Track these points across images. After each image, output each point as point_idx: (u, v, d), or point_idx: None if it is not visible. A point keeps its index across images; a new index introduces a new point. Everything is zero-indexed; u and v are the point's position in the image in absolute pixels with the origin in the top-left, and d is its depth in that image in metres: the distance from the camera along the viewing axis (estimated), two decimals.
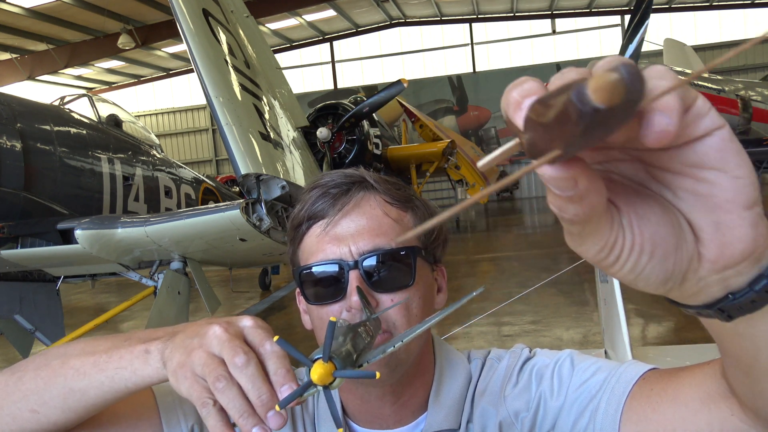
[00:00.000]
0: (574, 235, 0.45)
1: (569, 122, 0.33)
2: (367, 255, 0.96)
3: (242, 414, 0.67)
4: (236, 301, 9.99)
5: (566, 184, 0.39)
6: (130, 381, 0.80)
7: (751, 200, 0.43)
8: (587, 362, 0.96)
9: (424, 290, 1.01)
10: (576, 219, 0.42)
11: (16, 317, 4.91)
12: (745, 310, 0.49)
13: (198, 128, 30.07)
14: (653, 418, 0.81)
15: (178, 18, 4.32)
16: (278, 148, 4.89)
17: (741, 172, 0.43)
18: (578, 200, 0.40)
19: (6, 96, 4.81)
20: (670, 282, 0.47)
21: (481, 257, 12.10)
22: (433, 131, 15.22)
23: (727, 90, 12.00)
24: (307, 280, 0.99)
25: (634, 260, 0.45)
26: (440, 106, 28.64)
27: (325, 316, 0.98)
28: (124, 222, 4.38)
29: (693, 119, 0.41)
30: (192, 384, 0.71)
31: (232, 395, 0.68)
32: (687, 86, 0.41)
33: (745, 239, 0.44)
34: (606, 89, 0.32)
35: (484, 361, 1.08)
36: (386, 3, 25.94)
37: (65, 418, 0.86)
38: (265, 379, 0.68)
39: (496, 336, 6.44)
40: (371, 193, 1.01)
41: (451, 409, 1.01)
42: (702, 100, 0.42)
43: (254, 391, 0.67)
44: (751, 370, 0.59)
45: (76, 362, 0.84)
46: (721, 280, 0.47)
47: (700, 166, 0.43)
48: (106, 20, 19.89)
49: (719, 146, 0.42)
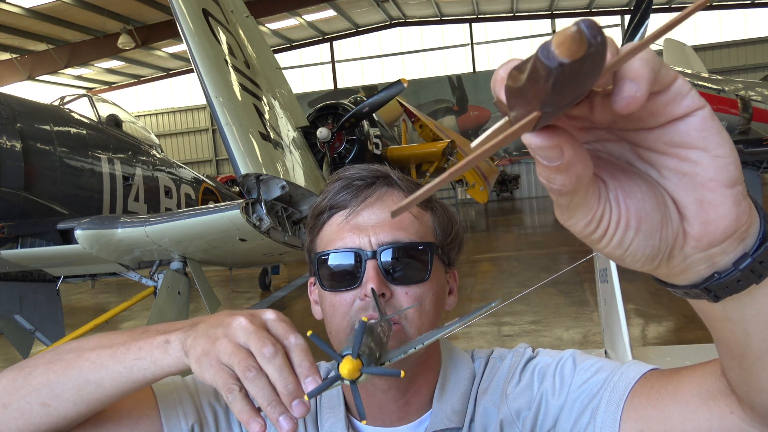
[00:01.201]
0: (563, 207, 0.46)
1: (540, 80, 0.35)
2: (386, 246, 0.98)
3: (270, 402, 0.69)
4: (236, 301, 9.99)
5: (552, 153, 0.41)
6: (149, 371, 0.81)
7: (733, 179, 0.45)
8: (589, 362, 0.97)
9: (437, 288, 1.02)
10: (563, 189, 0.43)
11: (16, 317, 4.91)
12: (731, 289, 0.51)
13: (198, 128, 30.07)
14: (653, 415, 0.81)
15: (178, 18, 4.32)
16: (278, 148, 4.89)
17: (722, 151, 0.44)
18: (564, 169, 0.41)
19: (6, 96, 4.81)
20: (657, 258, 0.48)
21: (481, 257, 12.10)
22: (433, 131, 15.21)
23: (727, 90, 12.00)
24: (324, 267, 1.01)
25: (621, 234, 0.47)
26: (440, 106, 28.63)
27: (338, 304, 0.99)
28: (124, 222, 4.38)
29: (673, 97, 0.43)
30: (218, 371, 0.73)
31: (261, 384, 0.70)
32: (666, 66, 0.42)
33: (728, 216, 0.46)
34: (567, 42, 0.33)
35: (487, 360, 1.09)
36: (386, 3, 25.93)
37: (76, 411, 0.86)
38: (291, 371, 0.71)
39: (496, 336, 6.44)
40: (394, 189, 1.03)
41: (455, 408, 1.02)
42: (682, 79, 0.43)
43: (281, 381, 0.70)
44: (744, 358, 0.60)
45: (92, 355, 0.85)
46: (707, 258, 0.49)
47: (682, 145, 0.45)
48: (106, 20, 19.89)
49: (701, 126, 0.44)
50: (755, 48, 25.38)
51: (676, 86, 0.43)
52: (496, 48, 28.57)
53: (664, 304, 6.82)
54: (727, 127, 11.00)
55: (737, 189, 0.45)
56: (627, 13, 24.82)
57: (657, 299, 7.00)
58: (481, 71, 28.60)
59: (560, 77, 0.34)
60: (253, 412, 0.70)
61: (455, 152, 14.33)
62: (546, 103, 0.36)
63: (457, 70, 29.00)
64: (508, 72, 0.39)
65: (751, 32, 25.71)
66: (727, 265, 0.49)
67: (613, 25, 26.88)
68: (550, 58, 0.34)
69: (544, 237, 14.74)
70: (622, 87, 0.40)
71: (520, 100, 0.38)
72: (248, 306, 9.62)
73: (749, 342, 0.57)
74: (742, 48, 25.80)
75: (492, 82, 0.42)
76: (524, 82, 0.36)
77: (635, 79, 0.40)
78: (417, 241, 1.00)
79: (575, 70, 0.34)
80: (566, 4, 26.67)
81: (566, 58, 0.33)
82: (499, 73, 0.42)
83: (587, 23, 0.34)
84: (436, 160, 14.00)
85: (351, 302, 0.98)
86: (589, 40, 0.33)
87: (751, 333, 0.56)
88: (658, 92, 0.43)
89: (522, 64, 0.38)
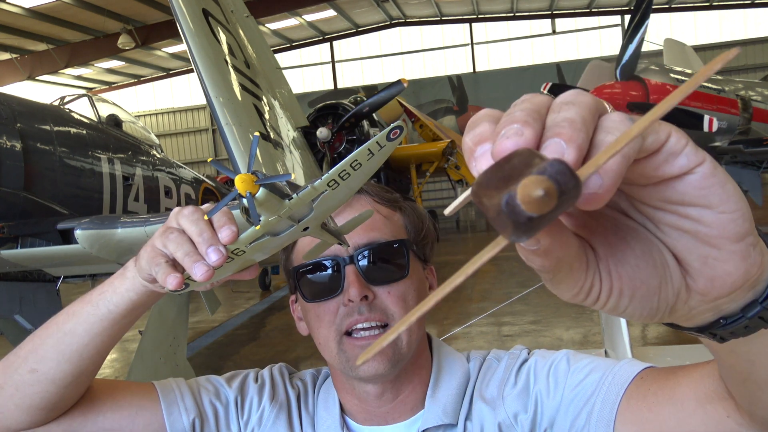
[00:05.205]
0: (546, 280, 0.43)
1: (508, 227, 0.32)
2: (362, 249, 0.99)
3: (187, 253, 0.72)
4: (236, 301, 9.99)
5: (528, 241, 0.38)
6: (111, 302, 0.84)
7: (741, 233, 0.41)
8: (583, 362, 0.97)
9: (418, 284, 1.04)
10: (543, 270, 0.41)
11: (16, 317, 4.90)
12: (737, 334, 0.48)
13: (198, 128, 30.04)
14: (649, 417, 0.80)
15: (178, 18, 4.32)
16: (278, 148, 4.89)
17: (727, 206, 0.40)
18: (543, 255, 0.39)
19: (6, 96, 4.81)
20: (657, 315, 0.45)
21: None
22: (433, 131, 15.20)
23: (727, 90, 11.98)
24: (304, 279, 1.02)
25: (614, 302, 0.44)
26: (440, 106, 28.60)
27: (323, 314, 1.00)
28: (124, 222, 4.38)
29: (665, 159, 0.39)
30: (149, 253, 0.77)
31: (179, 240, 0.73)
32: (656, 129, 0.38)
33: (736, 273, 0.42)
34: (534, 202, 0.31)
35: (483, 361, 1.09)
36: (386, 3, 25.92)
37: (60, 370, 0.88)
38: (208, 223, 0.73)
39: (496, 336, 6.43)
40: (362, 194, 1.05)
41: (449, 406, 1.02)
42: (676, 137, 0.39)
43: (196, 230, 0.73)
44: (747, 381, 0.59)
45: (68, 309, 0.89)
46: (712, 308, 0.46)
47: (681, 203, 0.40)
48: (106, 20, 19.87)
49: (700, 184, 0.39)
50: (755, 48, 25.35)
51: (668, 147, 0.38)
52: (496, 48, 28.55)
53: None
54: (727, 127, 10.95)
55: (746, 241, 0.41)
56: (627, 13, 24.80)
57: None
58: (481, 71, 28.58)
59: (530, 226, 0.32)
60: (171, 269, 0.73)
61: (455, 152, 14.34)
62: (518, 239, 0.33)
63: (457, 70, 28.97)
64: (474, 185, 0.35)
65: (751, 32, 25.69)
66: (735, 311, 0.46)
67: (613, 25, 26.88)
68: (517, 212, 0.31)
69: None
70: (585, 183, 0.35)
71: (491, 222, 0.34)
72: (248, 306, 9.63)
73: (754, 370, 0.55)
74: (742, 48, 25.79)
75: (462, 148, 0.39)
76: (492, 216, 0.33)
77: (600, 172, 0.35)
78: (391, 239, 1.01)
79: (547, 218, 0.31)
80: (566, 4, 26.65)
81: (535, 213, 0.31)
82: (466, 141, 0.39)
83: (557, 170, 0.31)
84: (436, 160, 14.01)
85: (335, 310, 0.99)
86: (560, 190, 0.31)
87: (757, 363, 0.54)
88: (645, 157, 0.39)
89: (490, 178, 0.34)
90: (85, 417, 0.96)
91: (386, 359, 0.97)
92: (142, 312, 0.88)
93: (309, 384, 1.14)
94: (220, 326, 8.32)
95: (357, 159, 0.66)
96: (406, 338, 0.99)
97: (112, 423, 0.97)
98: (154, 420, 1.00)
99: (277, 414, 1.07)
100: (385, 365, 0.97)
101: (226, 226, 0.72)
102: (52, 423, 0.93)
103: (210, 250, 0.71)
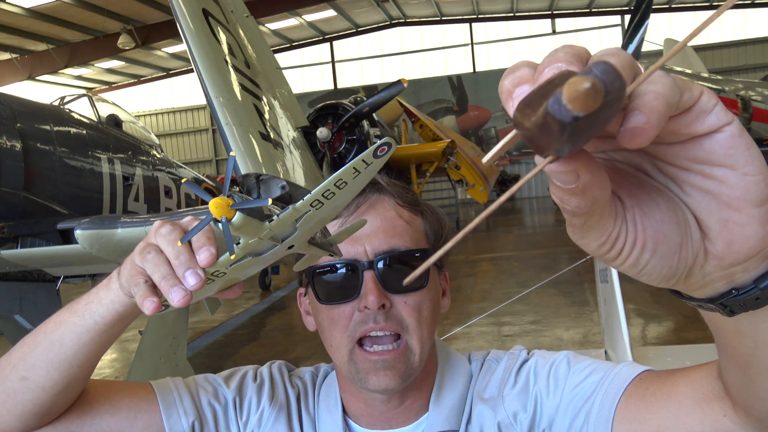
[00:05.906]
0: (576, 227, 0.44)
1: (553, 133, 0.32)
2: (382, 255, 0.96)
3: (164, 276, 0.69)
4: (236, 301, 9.99)
5: (568, 177, 0.38)
6: (97, 313, 0.82)
7: (762, 198, 0.42)
8: (584, 363, 0.96)
9: (434, 293, 1.02)
10: (578, 211, 0.41)
11: (16, 317, 4.90)
12: (748, 306, 0.48)
13: (198, 128, 30.05)
14: (647, 417, 0.81)
15: (178, 18, 4.32)
16: (278, 148, 4.89)
17: (751, 168, 0.41)
18: (580, 193, 0.39)
19: (6, 96, 4.81)
20: (674, 277, 0.46)
21: (481, 257, 12.09)
22: (433, 131, 15.21)
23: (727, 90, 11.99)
24: (320, 280, 0.99)
25: (636, 256, 0.45)
26: (440, 106, 28.61)
27: (337, 317, 0.98)
28: (124, 222, 4.37)
29: (696, 116, 0.40)
30: (129, 271, 0.74)
31: (157, 261, 0.70)
32: (689, 87, 0.39)
33: (754, 237, 0.43)
34: (581, 99, 0.31)
35: (483, 362, 1.09)
36: (386, 3, 25.92)
37: (50, 378, 0.86)
38: (187, 245, 0.70)
39: (496, 336, 6.43)
40: (384, 195, 1.02)
41: (452, 411, 1.02)
42: (707, 96, 0.40)
43: (174, 253, 0.70)
44: (749, 367, 0.59)
45: (55, 317, 0.87)
46: (726, 276, 0.47)
47: (707, 162, 0.42)
48: (106, 20, 19.87)
49: (727, 143, 0.41)
50: (755, 48, 25.35)
51: (700, 105, 0.40)
52: (496, 48, 28.55)
53: (665, 304, 6.82)
54: None
55: (766, 207, 0.42)
56: (627, 13, 24.81)
57: (657, 299, 7.00)
58: (481, 71, 28.59)
59: (575, 130, 0.32)
60: (149, 292, 0.70)
61: (455, 152, 14.34)
62: (561, 150, 0.34)
63: (457, 70, 28.98)
64: (518, 107, 0.36)
65: (751, 32, 25.68)
66: (747, 282, 0.47)
67: (613, 25, 26.88)
68: (563, 113, 0.31)
69: (544, 237, 14.74)
70: (628, 118, 0.36)
71: (532, 143, 0.35)
72: (248, 306, 9.63)
73: (757, 353, 0.56)
74: (742, 48, 25.78)
75: (499, 89, 0.40)
76: (536, 131, 0.34)
77: (643, 110, 0.36)
78: (413, 248, 0.98)
79: (591, 120, 0.32)
80: (566, 4, 26.65)
81: (581, 112, 0.31)
82: (505, 84, 0.39)
83: (602, 70, 0.31)
84: (436, 160, 14.00)
85: (350, 315, 0.96)
86: (606, 89, 0.31)
87: (761, 345, 0.54)
88: (678, 114, 0.40)
89: (531, 100, 0.35)
90: (81, 420, 0.95)
91: (398, 375, 0.95)
92: (131, 320, 0.85)
93: (308, 383, 1.13)
94: (220, 326, 8.31)
95: (342, 178, 0.61)
96: (418, 351, 0.96)
97: (110, 425, 0.96)
98: (153, 422, 0.99)
99: (277, 415, 1.06)
100: (396, 381, 0.95)
101: (205, 248, 0.68)
102: (48, 426, 0.92)
103: (188, 273, 0.68)
